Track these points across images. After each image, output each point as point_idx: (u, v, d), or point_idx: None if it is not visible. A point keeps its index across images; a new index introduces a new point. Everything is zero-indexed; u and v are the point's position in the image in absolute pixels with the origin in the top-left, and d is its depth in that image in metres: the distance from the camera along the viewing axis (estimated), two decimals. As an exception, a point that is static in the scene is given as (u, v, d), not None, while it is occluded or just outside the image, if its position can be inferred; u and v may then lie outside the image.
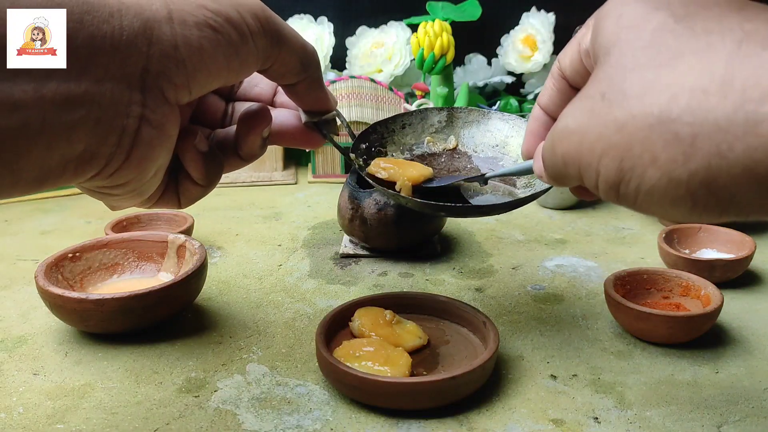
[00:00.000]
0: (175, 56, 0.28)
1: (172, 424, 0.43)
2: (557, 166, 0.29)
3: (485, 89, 1.14)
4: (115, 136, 0.28)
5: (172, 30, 0.28)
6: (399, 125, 0.55)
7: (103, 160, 0.28)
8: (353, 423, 0.44)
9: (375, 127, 0.54)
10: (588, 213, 0.84)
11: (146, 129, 0.28)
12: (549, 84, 0.34)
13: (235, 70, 0.31)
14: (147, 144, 0.29)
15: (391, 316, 0.52)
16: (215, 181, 0.36)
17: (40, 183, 0.27)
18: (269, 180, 0.97)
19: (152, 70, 0.28)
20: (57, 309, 0.52)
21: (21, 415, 0.44)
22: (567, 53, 0.32)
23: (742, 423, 0.44)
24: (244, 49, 0.31)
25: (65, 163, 0.27)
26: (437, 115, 0.56)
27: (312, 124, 0.39)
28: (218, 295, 0.61)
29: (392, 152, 0.54)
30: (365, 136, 0.53)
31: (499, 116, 0.56)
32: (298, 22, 1.06)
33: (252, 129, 0.36)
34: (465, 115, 0.56)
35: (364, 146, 0.52)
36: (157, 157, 0.30)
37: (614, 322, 0.56)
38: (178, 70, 0.28)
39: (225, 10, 0.30)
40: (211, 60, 0.29)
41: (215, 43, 0.29)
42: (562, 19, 1.08)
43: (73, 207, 0.86)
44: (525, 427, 0.43)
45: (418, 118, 0.56)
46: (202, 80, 0.30)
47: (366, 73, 1.06)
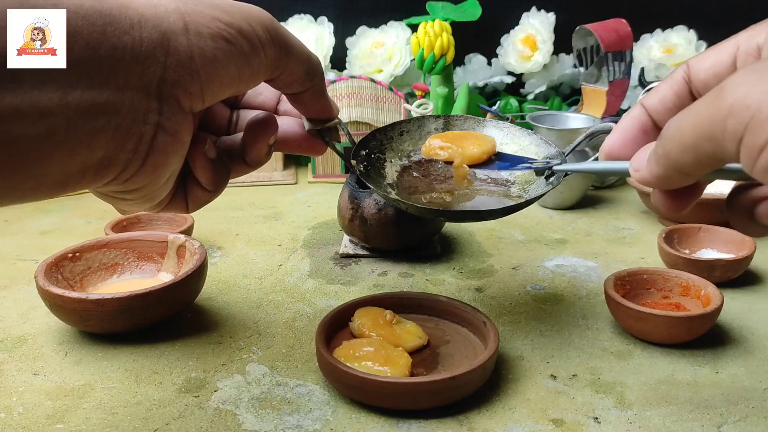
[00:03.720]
0: (191, 66, 0.29)
1: (172, 424, 0.43)
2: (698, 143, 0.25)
3: (485, 89, 1.14)
4: (132, 143, 0.28)
5: (188, 41, 0.29)
6: (397, 132, 0.56)
7: (120, 166, 0.29)
8: (353, 423, 0.44)
9: (374, 134, 0.55)
10: (588, 213, 0.84)
11: (162, 136, 0.29)
12: (664, 87, 0.32)
13: (246, 79, 0.32)
14: (162, 150, 0.30)
15: (391, 316, 0.52)
16: (222, 187, 0.37)
17: (61, 188, 0.28)
18: (269, 180, 0.97)
19: (169, 79, 0.29)
20: (57, 309, 0.52)
21: (21, 415, 0.44)
22: (709, 58, 0.30)
23: (742, 423, 0.44)
24: (255, 59, 0.32)
25: (85, 168, 0.28)
26: (434, 122, 0.57)
27: (315, 132, 0.40)
28: (218, 295, 0.61)
29: (391, 158, 0.55)
30: (365, 142, 0.54)
31: (494, 124, 0.57)
32: (298, 22, 1.06)
33: (259, 136, 0.37)
34: (461, 122, 0.58)
35: (364, 153, 0.53)
36: (171, 163, 0.31)
37: (614, 322, 0.56)
38: (193, 79, 0.29)
39: (237, 22, 0.31)
40: (225, 70, 0.30)
41: (228, 54, 0.30)
42: (562, 19, 1.08)
43: (73, 207, 0.86)
44: (525, 427, 0.43)
45: (415, 126, 0.57)
46: (215, 89, 0.31)
47: (366, 73, 1.06)
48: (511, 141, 0.56)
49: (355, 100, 0.95)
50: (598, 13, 0.98)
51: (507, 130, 0.56)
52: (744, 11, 1.14)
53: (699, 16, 1.11)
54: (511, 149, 0.56)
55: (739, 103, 0.23)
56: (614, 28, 0.93)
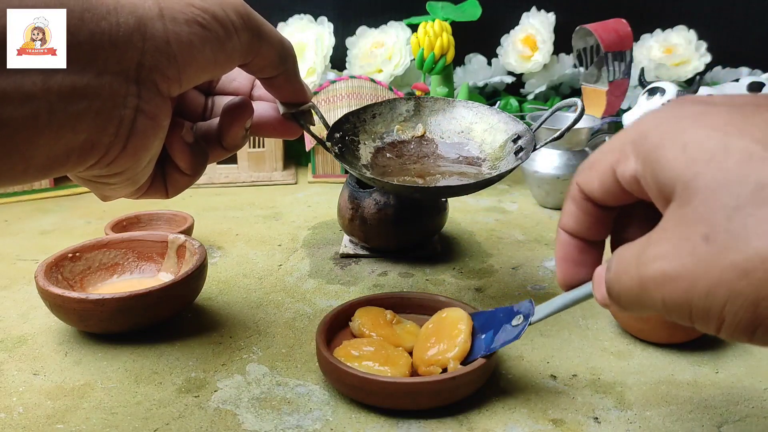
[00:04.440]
0: (167, 51, 0.30)
1: (172, 424, 0.43)
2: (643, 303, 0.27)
3: (485, 89, 1.14)
4: (113, 126, 0.29)
5: (164, 26, 0.30)
6: (369, 115, 0.59)
7: (103, 149, 0.29)
8: (353, 423, 0.44)
9: (348, 117, 0.57)
10: (588, 213, 0.84)
11: (141, 119, 0.30)
12: (571, 208, 0.33)
13: (222, 63, 0.33)
14: (142, 133, 0.30)
15: (391, 316, 0.52)
16: (201, 171, 0.38)
17: (47, 170, 0.29)
18: (269, 180, 0.97)
19: (146, 64, 0.29)
20: (57, 309, 0.52)
21: (21, 415, 0.44)
22: (594, 178, 0.30)
23: (742, 423, 0.44)
24: (229, 44, 0.32)
25: (69, 152, 0.28)
26: (405, 104, 0.61)
27: (290, 115, 0.41)
28: (218, 295, 0.61)
29: (365, 140, 0.58)
30: (339, 126, 0.56)
31: (464, 104, 0.61)
32: (298, 22, 1.06)
33: (235, 120, 0.38)
34: (431, 104, 0.61)
35: (338, 135, 0.55)
36: (151, 146, 0.32)
37: (614, 322, 0.56)
38: (170, 63, 0.30)
39: (211, 7, 0.31)
40: (200, 54, 0.31)
41: (203, 39, 0.31)
42: (562, 19, 1.08)
43: (73, 207, 0.86)
44: (525, 427, 0.43)
45: (387, 108, 0.60)
46: (191, 73, 0.31)
47: (366, 73, 1.06)
48: (480, 120, 0.59)
49: (355, 100, 0.95)
50: (598, 13, 0.98)
51: (476, 110, 0.60)
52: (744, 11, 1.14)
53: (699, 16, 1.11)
54: (480, 127, 0.59)
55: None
56: (614, 28, 0.93)
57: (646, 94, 0.90)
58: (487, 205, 0.87)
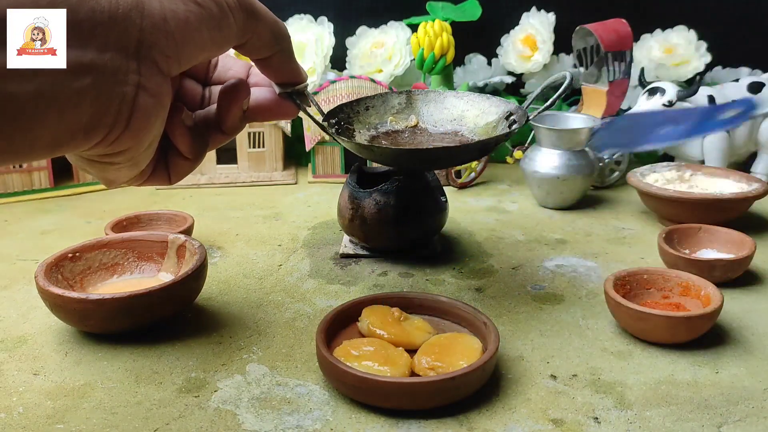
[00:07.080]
0: (165, 28, 0.30)
1: (172, 424, 0.43)
2: None
3: (485, 89, 1.13)
4: (116, 104, 0.29)
5: (161, 4, 0.30)
6: (363, 107, 0.61)
7: (106, 128, 0.30)
8: (353, 423, 0.44)
9: (342, 107, 0.59)
10: (588, 213, 0.84)
11: (143, 96, 0.30)
12: None
13: (218, 42, 0.33)
14: (144, 111, 0.31)
15: (398, 314, 0.52)
16: (202, 155, 0.39)
17: (52, 149, 0.29)
18: (269, 180, 0.97)
19: (146, 41, 0.30)
20: (57, 309, 0.52)
21: (21, 415, 0.44)
22: None
23: (742, 423, 0.44)
24: (225, 22, 0.33)
25: (74, 130, 0.29)
26: (397, 97, 0.63)
27: (286, 95, 0.41)
28: (218, 295, 0.61)
29: (359, 130, 0.60)
30: (333, 113, 0.57)
31: (454, 94, 0.63)
32: (298, 22, 1.06)
33: (233, 101, 0.39)
34: (423, 96, 0.64)
35: (333, 121, 0.57)
36: (152, 126, 0.32)
37: (614, 322, 0.56)
38: (168, 41, 0.31)
39: None
40: (197, 33, 0.32)
41: (199, 17, 0.31)
42: (562, 19, 1.08)
43: (73, 207, 0.86)
44: (525, 427, 0.43)
45: (380, 101, 0.62)
46: (189, 52, 0.32)
47: (366, 73, 1.06)
48: (471, 107, 0.62)
49: (355, 100, 0.95)
50: (598, 13, 0.98)
51: (467, 98, 0.62)
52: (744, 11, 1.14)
53: (699, 16, 1.11)
54: (472, 113, 0.61)
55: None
56: (614, 28, 0.93)
57: (646, 94, 0.90)
58: (487, 205, 0.87)
